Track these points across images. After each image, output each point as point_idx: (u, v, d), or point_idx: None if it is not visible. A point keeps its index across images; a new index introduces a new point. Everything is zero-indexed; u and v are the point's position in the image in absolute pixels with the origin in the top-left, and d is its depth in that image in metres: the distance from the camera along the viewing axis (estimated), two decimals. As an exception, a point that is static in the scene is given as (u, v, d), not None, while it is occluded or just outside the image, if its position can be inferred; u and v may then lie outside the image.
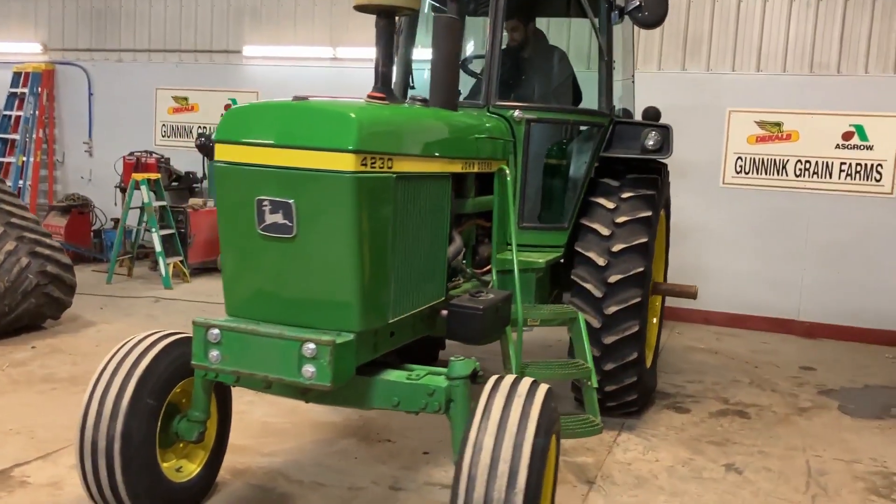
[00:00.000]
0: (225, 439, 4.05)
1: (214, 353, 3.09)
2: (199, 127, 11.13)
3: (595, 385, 4.44)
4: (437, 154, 3.62)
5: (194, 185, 10.93)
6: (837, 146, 8.53)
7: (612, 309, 5.00)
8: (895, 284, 8.42)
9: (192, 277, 9.94)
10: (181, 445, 3.85)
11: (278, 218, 3.03)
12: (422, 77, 5.81)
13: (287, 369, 3.00)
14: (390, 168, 3.17)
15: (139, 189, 9.47)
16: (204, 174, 10.90)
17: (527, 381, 3.19)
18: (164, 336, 3.68)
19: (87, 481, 3.47)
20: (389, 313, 3.32)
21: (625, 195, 5.25)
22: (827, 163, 8.59)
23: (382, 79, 3.53)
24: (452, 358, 3.31)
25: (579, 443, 4.95)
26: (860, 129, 8.46)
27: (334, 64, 10.37)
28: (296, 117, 3.03)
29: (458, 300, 3.71)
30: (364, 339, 3.19)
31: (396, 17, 5.25)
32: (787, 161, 8.70)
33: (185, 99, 11.23)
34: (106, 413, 3.41)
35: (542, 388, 3.18)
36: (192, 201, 10.39)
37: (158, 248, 9.40)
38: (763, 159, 8.78)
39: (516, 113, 4.89)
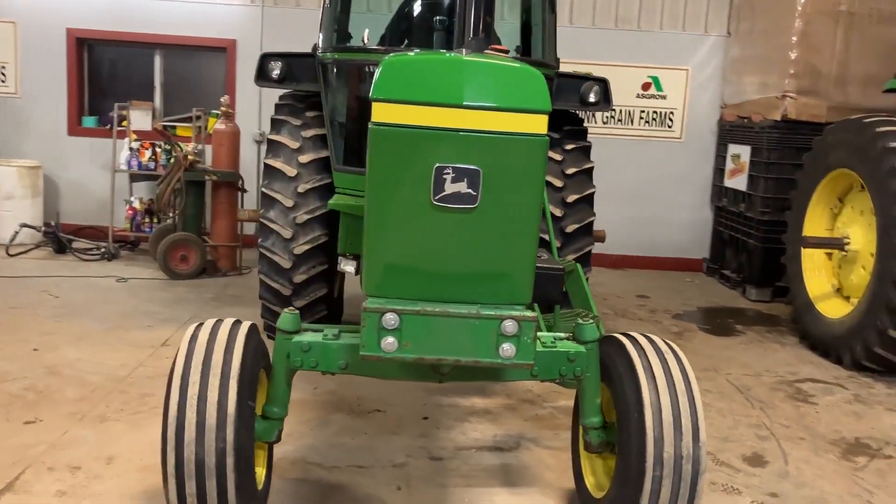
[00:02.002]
0: (274, 435, 3.58)
1: (390, 339, 2.72)
2: (-64, 63, 9.08)
3: (603, 333, 4.62)
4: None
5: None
6: (638, 96, 9.48)
7: (570, 257, 5.19)
8: (684, 218, 9.68)
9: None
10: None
11: (461, 187, 2.73)
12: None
13: (484, 350, 2.75)
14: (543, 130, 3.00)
15: None
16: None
17: (657, 339, 3.27)
18: (234, 324, 3.15)
19: (187, 509, 2.89)
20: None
21: (568, 147, 5.42)
22: (629, 111, 9.51)
23: (486, 28, 3.26)
24: (581, 321, 3.28)
25: (547, 387, 5.12)
26: (656, 81, 9.47)
27: (118, -7, 9.05)
28: (481, 75, 2.71)
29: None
30: (525, 311, 3.03)
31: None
32: (597, 109, 9.46)
33: (-89, 28, 9.07)
34: (210, 423, 2.84)
35: (672, 343, 3.30)
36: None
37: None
38: (576, 107, 9.44)
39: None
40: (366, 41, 5.34)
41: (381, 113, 2.72)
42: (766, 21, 8.45)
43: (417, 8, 5.53)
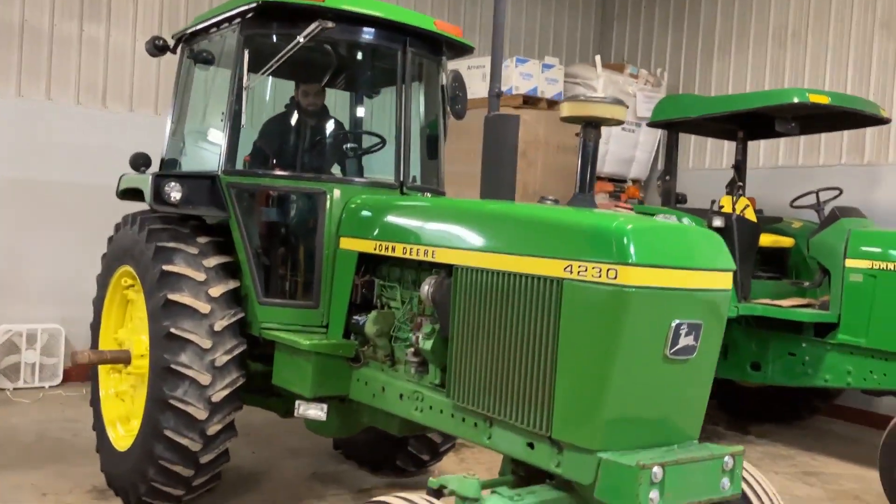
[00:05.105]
0: None
1: (655, 493, 2.81)
2: None
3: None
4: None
5: None
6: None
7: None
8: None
9: None
10: None
11: (690, 340, 3.01)
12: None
13: (712, 488, 3.01)
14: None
15: None
16: None
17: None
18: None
19: None
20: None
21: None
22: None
23: (590, 185, 3.53)
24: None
25: None
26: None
27: None
28: (700, 240, 3.13)
29: None
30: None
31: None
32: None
33: None
34: None
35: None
36: None
37: None
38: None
39: (427, 195, 4.90)
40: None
41: (634, 276, 2.89)
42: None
43: (321, 131, 5.29)
